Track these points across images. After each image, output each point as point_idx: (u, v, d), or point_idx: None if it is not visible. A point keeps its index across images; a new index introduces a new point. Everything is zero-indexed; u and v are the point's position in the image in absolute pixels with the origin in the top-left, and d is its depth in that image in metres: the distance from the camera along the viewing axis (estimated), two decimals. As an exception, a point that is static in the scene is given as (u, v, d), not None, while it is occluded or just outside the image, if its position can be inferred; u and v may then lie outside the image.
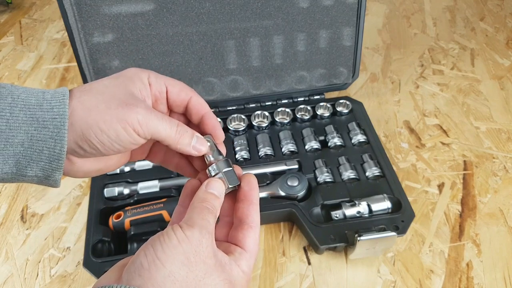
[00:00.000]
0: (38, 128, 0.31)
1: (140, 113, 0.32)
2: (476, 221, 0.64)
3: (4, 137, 0.30)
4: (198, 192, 0.34)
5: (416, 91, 0.87)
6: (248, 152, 0.68)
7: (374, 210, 0.59)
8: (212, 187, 0.34)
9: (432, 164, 0.72)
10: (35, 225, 0.65)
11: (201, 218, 0.32)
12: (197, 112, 0.38)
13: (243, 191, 0.36)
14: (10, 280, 0.58)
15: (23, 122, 0.30)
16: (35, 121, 0.31)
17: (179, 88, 0.37)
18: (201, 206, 0.33)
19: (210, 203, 0.33)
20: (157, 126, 0.33)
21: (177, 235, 0.30)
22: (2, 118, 0.30)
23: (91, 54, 0.65)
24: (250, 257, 0.33)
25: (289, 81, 0.75)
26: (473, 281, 0.57)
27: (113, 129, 0.32)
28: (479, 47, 0.98)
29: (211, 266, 0.30)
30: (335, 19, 0.70)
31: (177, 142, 0.35)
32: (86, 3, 0.61)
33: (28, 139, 0.31)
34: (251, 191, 0.36)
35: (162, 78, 0.37)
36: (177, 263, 0.29)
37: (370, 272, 0.58)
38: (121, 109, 0.32)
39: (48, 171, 0.32)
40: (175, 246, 0.29)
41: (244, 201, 0.36)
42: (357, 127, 0.71)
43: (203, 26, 0.67)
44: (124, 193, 0.62)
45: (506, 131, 0.78)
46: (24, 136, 0.30)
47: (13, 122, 0.30)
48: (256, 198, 0.36)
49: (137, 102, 0.33)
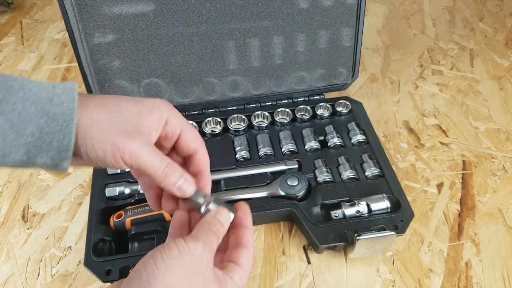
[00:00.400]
0: (48, 121, 0.32)
1: (135, 145, 0.34)
2: (475, 220, 0.65)
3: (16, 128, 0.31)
4: (207, 216, 0.36)
5: (416, 91, 0.87)
6: (248, 152, 0.68)
7: (374, 209, 0.59)
8: (222, 217, 0.37)
9: (431, 164, 0.73)
10: (36, 224, 0.65)
11: (206, 236, 0.34)
12: (197, 166, 0.39)
13: (238, 217, 0.39)
14: (11, 279, 0.59)
15: (34, 115, 0.31)
16: (45, 114, 0.32)
17: (192, 136, 0.38)
18: (208, 227, 0.35)
19: (216, 228, 0.35)
20: (146, 162, 0.34)
21: (179, 247, 0.31)
22: (14, 111, 0.31)
23: (92, 55, 0.66)
24: (243, 272, 0.35)
25: (289, 81, 0.75)
26: (472, 280, 0.58)
27: (103, 150, 0.33)
28: (478, 47, 0.98)
29: (209, 280, 0.32)
30: (335, 20, 0.70)
31: (161, 180, 0.35)
32: (87, 3, 0.61)
33: (38, 131, 0.32)
34: (245, 216, 0.39)
35: (180, 122, 0.38)
36: (176, 274, 0.29)
37: (369, 272, 0.59)
38: (119, 136, 0.33)
39: (57, 160, 0.33)
40: (176, 257, 0.30)
41: (239, 226, 0.38)
42: (357, 127, 0.71)
43: (203, 26, 0.67)
44: (125, 193, 0.62)
45: (505, 131, 0.78)
46: (34, 128, 0.32)
47: (24, 115, 0.31)
48: (250, 223, 0.39)
49: (138, 135, 0.34)
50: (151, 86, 0.71)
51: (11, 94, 0.31)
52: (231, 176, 0.64)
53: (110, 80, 0.69)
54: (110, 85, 0.69)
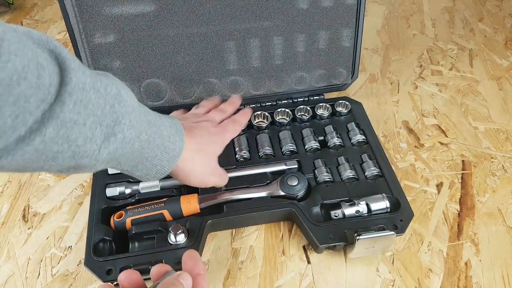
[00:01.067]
0: (163, 152, 0.45)
1: (216, 181, 0.56)
2: (475, 220, 0.65)
3: (145, 155, 0.43)
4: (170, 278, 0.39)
5: (415, 92, 0.87)
6: (248, 152, 0.69)
7: (373, 209, 0.59)
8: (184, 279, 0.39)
9: (431, 164, 0.73)
10: (36, 224, 0.65)
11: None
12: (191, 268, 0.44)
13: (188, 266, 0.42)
14: (11, 279, 0.59)
15: (157, 147, 0.44)
16: (163, 148, 0.45)
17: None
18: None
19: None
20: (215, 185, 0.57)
21: None
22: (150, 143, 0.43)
23: (93, 55, 0.66)
24: None
25: (288, 81, 0.75)
26: (471, 280, 0.58)
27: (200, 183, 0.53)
28: (477, 47, 0.98)
29: None
30: (335, 20, 0.70)
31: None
32: (87, 4, 0.61)
33: (154, 158, 0.44)
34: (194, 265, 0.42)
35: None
36: None
37: (369, 271, 0.59)
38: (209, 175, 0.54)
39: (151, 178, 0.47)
40: None
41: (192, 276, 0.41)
42: (356, 127, 0.72)
43: (203, 27, 0.67)
44: (126, 193, 0.62)
45: (505, 131, 0.79)
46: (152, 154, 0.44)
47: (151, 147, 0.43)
48: (202, 269, 0.42)
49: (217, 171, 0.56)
50: (152, 87, 0.71)
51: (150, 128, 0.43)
52: (231, 176, 0.64)
53: (110, 80, 0.69)
54: (110, 85, 0.69)
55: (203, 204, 0.60)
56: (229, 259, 0.60)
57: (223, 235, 0.63)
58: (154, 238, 0.58)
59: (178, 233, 0.56)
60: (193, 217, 0.59)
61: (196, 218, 0.59)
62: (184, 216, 0.59)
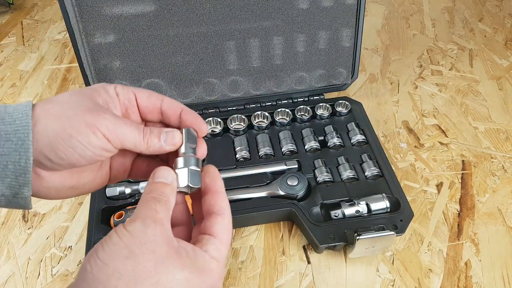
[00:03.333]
0: (0, 142, 0.29)
1: (109, 119, 0.31)
2: (475, 220, 0.65)
3: None
4: (146, 184, 0.32)
5: (415, 92, 0.87)
6: (248, 152, 0.69)
7: (373, 209, 0.59)
8: (159, 176, 0.32)
9: (431, 164, 0.73)
10: (36, 224, 0.65)
11: (146, 209, 0.30)
12: (174, 112, 0.36)
13: (205, 184, 0.34)
14: (11, 279, 0.59)
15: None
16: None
17: (148, 93, 0.36)
18: (147, 197, 0.31)
19: (157, 192, 0.31)
20: (125, 134, 0.32)
21: (118, 233, 0.28)
22: None
23: (93, 55, 0.66)
24: (219, 242, 0.31)
25: (288, 81, 0.75)
26: (471, 280, 0.58)
27: (84, 133, 0.30)
28: (477, 47, 0.98)
29: (162, 255, 0.28)
30: (335, 20, 0.70)
31: (147, 146, 0.33)
32: (87, 4, 0.61)
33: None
34: (213, 181, 0.34)
35: (130, 88, 0.36)
36: (120, 258, 0.27)
37: (369, 271, 0.59)
38: (89, 115, 0.31)
39: (15, 188, 0.30)
40: (116, 243, 0.28)
41: (208, 193, 0.34)
42: (356, 127, 0.72)
43: (203, 27, 0.67)
44: (126, 193, 0.62)
45: (505, 131, 0.79)
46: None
47: None
48: (220, 187, 0.34)
49: (104, 110, 0.32)
50: (152, 87, 0.71)
51: None
52: (231, 176, 0.64)
53: (110, 80, 0.69)
54: (110, 85, 0.69)
55: None
56: (229, 259, 0.60)
57: (223, 235, 0.63)
58: (154, 238, 0.58)
59: (178, 233, 0.55)
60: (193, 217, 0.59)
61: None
62: (184, 216, 0.59)
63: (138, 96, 0.36)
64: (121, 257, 0.27)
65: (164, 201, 0.31)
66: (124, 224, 0.29)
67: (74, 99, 0.32)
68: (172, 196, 0.32)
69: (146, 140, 0.33)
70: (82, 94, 0.33)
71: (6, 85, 0.91)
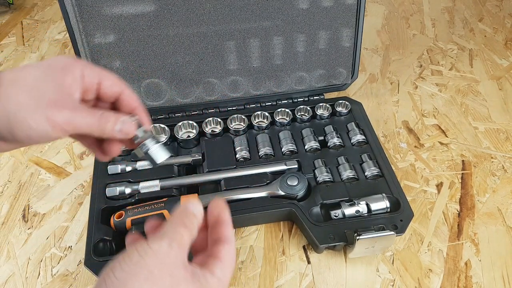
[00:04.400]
0: None
1: (67, 113, 0.33)
2: (475, 220, 0.65)
3: None
4: (177, 208, 0.35)
5: (415, 92, 0.87)
6: (248, 152, 0.69)
7: (373, 209, 0.59)
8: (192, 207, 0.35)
9: (431, 164, 0.73)
10: (36, 224, 0.65)
11: (174, 231, 0.31)
12: (128, 104, 0.39)
13: (213, 215, 0.37)
14: (11, 279, 0.59)
15: None
16: None
17: (112, 81, 0.38)
18: (177, 221, 0.33)
19: (187, 219, 0.33)
20: (81, 124, 0.34)
21: (139, 251, 0.29)
22: None
23: (93, 55, 0.66)
24: (224, 266, 0.33)
25: (288, 81, 0.75)
26: (471, 280, 0.58)
27: (43, 126, 0.32)
28: (477, 47, 0.98)
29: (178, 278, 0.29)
30: (335, 20, 0.70)
31: (101, 132, 0.35)
32: (87, 4, 0.61)
33: None
34: (222, 213, 0.36)
35: (97, 71, 0.37)
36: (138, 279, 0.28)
37: (369, 271, 0.59)
38: (50, 109, 0.33)
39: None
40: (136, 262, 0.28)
41: (217, 223, 0.36)
42: (356, 127, 0.72)
43: (203, 27, 0.67)
44: (126, 193, 0.62)
45: (505, 131, 0.79)
46: None
47: None
48: (227, 217, 0.37)
49: (64, 101, 0.34)
50: (152, 86, 0.71)
51: None
52: (231, 176, 0.64)
53: (110, 80, 0.69)
54: (110, 85, 0.69)
55: (203, 204, 0.60)
56: (229, 259, 0.60)
57: (223, 235, 0.63)
58: (154, 238, 0.58)
59: (178, 233, 0.56)
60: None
61: (196, 218, 0.59)
62: (184, 216, 0.59)
63: (103, 83, 0.37)
64: (140, 278, 0.28)
65: (191, 230, 0.33)
66: (148, 241, 0.30)
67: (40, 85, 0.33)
68: (198, 227, 0.35)
69: (101, 128, 0.35)
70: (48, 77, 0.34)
71: (6, 85, 0.91)
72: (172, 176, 0.65)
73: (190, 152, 0.69)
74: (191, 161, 0.67)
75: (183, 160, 0.67)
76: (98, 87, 0.37)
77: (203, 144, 0.69)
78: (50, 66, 0.35)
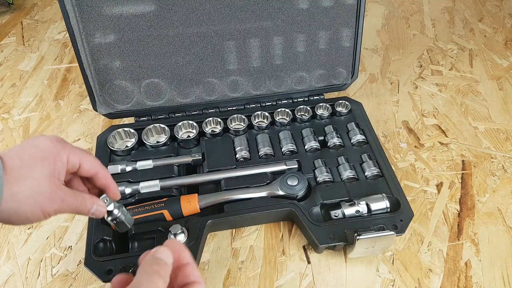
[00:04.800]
0: None
1: (58, 204, 0.40)
2: (475, 220, 0.65)
3: None
4: (147, 257, 0.35)
5: (415, 92, 0.87)
6: (248, 152, 0.69)
7: (373, 209, 0.59)
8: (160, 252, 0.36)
9: (431, 164, 0.73)
10: (36, 224, 0.65)
11: (149, 281, 0.32)
12: (102, 183, 0.46)
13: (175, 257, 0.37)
14: (11, 279, 0.59)
15: None
16: None
17: (90, 164, 0.45)
18: (150, 269, 0.34)
19: (159, 267, 0.34)
20: (66, 209, 0.42)
21: None
22: None
23: (93, 55, 0.66)
24: None
25: (288, 81, 0.75)
26: (471, 280, 0.58)
27: (37, 217, 0.39)
28: (477, 47, 0.98)
29: None
30: (335, 20, 0.70)
31: (79, 212, 0.43)
32: (87, 4, 0.61)
33: None
34: (181, 255, 0.37)
35: (78, 155, 0.43)
36: None
37: (369, 271, 0.59)
38: (45, 203, 0.39)
39: None
40: None
41: (180, 266, 0.37)
42: (356, 127, 0.72)
43: (203, 27, 0.67)
44: (126, 193, 0.62)
45: (505, 131, 0.79)
46: None
47: None
48: (189, 258, 0.38)
49: (55, 193, 0.40)
50: (152, 86, 0.71)
51: None
52: (231, 176, 0.64)
53: (110, 80, 0.69)
54: (110, 85, 0.69)
55: (203, 204, 0.60)
56: (229, 259, 0.60)
57: (223, 235, 0.63)
58: (154, 238, 0.58)
59: (178, 233, 0.56)
60: (193, 217, 0.59)
61: (196, 218, 0.59)
62: (184, 216, 0.60)
63: (82, 166, 0.44)
64: None
65: (164, 277, 0.34)
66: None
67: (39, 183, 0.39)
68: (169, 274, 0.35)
69: (79, 210, 0.43)
70: (45, 172, 0.40)
71: (6, 85, 0.91)
72: (172, 176, 0.65)
73: (190, 152, 0.69)
74: (191, 161, 0.67)
75: (183, 160, 0.67)
76: (78, 167, 0.44)
77: (203, 144, 0.70)
78: (44, 158, 0.40)
